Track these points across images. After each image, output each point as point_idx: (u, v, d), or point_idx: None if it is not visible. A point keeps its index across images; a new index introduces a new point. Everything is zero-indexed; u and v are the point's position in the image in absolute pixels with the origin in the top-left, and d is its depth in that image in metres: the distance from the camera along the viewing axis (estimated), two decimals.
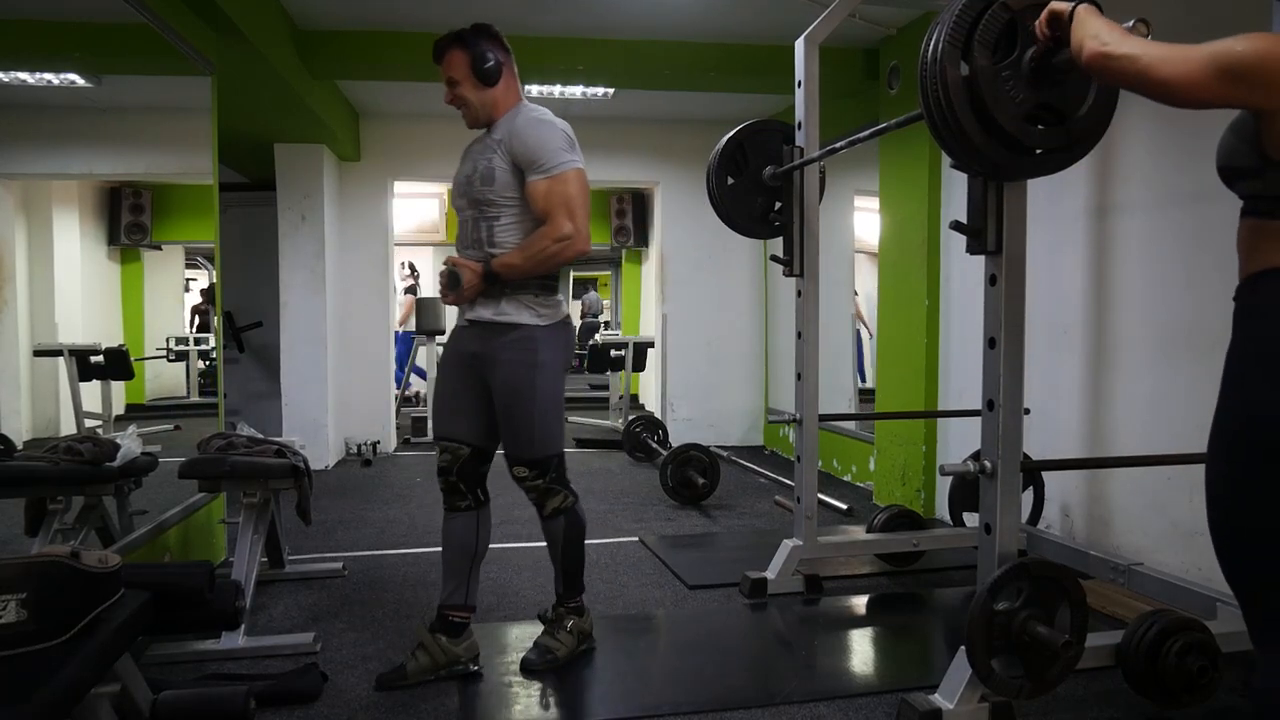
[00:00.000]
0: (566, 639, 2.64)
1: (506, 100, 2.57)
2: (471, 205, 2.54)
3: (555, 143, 2.46)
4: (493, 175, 2.48)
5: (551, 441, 2.54)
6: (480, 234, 2.51)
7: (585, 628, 2.71)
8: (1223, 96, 1.34)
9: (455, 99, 2.57)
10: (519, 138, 2.46)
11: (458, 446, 2.57)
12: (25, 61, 3.02)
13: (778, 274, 4.59)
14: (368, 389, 6.64)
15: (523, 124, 2.48)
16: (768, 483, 5.37)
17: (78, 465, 2.71)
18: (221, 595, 1.95)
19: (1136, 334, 3.27)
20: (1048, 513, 3.60)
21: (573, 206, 2.42)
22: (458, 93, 2.55)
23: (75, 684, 1.49)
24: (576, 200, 2.44)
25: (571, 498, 2.61)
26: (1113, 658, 2.29)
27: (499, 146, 2.49)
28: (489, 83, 2.52)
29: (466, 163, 2.62)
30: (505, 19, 4.65)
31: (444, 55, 2.55)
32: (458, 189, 2.62)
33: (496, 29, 2.60)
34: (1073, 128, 1.96)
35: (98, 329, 4.20)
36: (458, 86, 2.54)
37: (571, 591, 2.68)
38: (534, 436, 2.49)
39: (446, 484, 2.59)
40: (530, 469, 2.53)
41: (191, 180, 4.48)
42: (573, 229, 2.41)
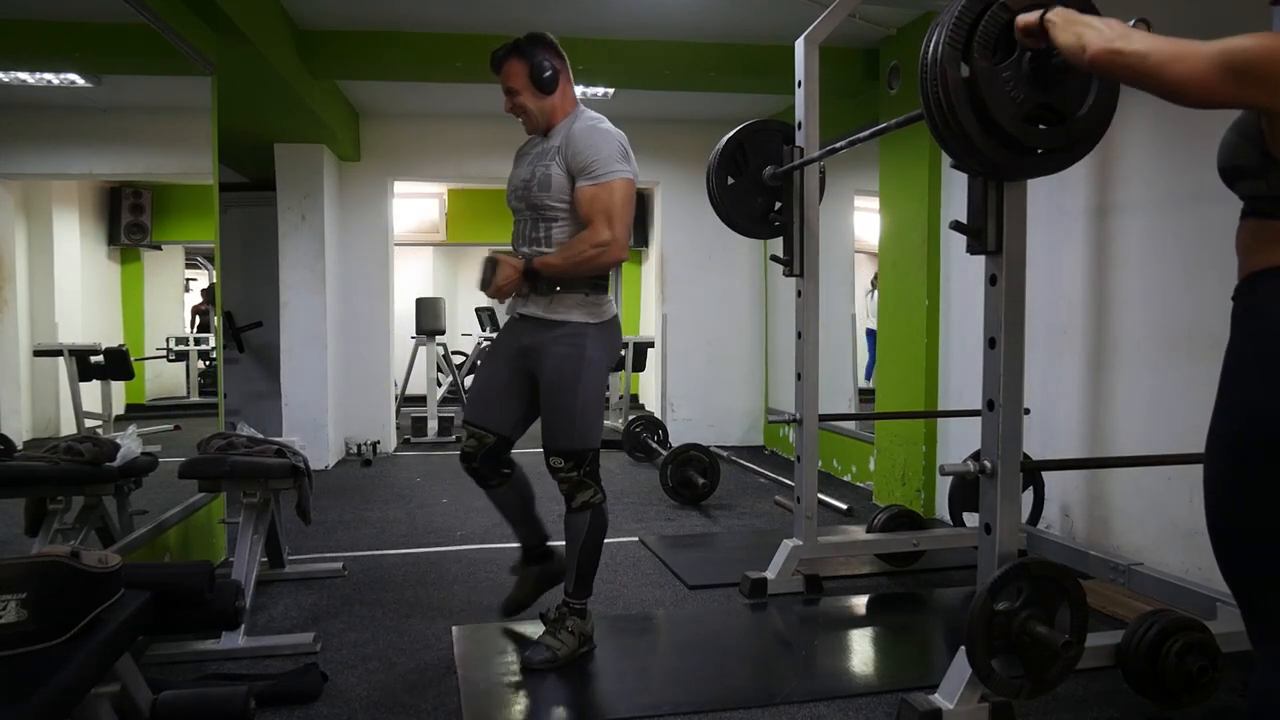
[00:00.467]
0: (568, 639, 2.66)
1: (564, 106, 2.66)
2: (530, 208, 2.62)
3: (608, 150, 2.55)
4: (549, 181, 2.57)
5: (590, 435, 2.62)
6: (539, 234, 2.61)
7: (587, 630, 2.73)
8: (1233, 96, 1.34)
9: (515, 107, 2.65)
10: (574, 144, 2.55)
11: (485, 435, 2.70)
12: (25, 61, 3.02)
13: (778, 274, 4.59)
14: (368, 389, 6.64)
15: (580, 131, 2.57)
16: (768, 483, 5.37)
17: (78, 465, 2.71)
18: (221, 595, 1.94)
19: (1136, 334, 3.27)
20: (1048, 513, 3.60)
21: (613, 215, 2.51)
22: (517, 101, 2.64)
23: (75, 684, 1.49)
24: (618, 209, 2.53)
25: (600, 495, 2.66)
26: (1113, 658, 2.29)
27: (557, 154, 2.57)
28: (548, 91, 2.61)
29: (523, 166, 2.69)
30: (505, 19, 4.69)
31: (502, 66, 2.64)
32: (515, 192, 2.69)
33: (551, 36, 2.67)
34: (1073, 128, 1.96)
35: (98, 329, 4.20)
36: (517, 95, 2.63)
37: (580, 591, 2.71)
38: (574, 429, 2.57)
39: (470, 469, 2.75)
40: (567, 460, 2.59)
41: (191, 180, 4.48)
42: (610, 236, 2.51)
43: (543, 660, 2.62)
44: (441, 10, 4.55)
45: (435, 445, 7.10)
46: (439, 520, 4.41)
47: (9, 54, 2.91)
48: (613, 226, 2.51)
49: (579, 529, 2.65)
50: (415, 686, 2.51)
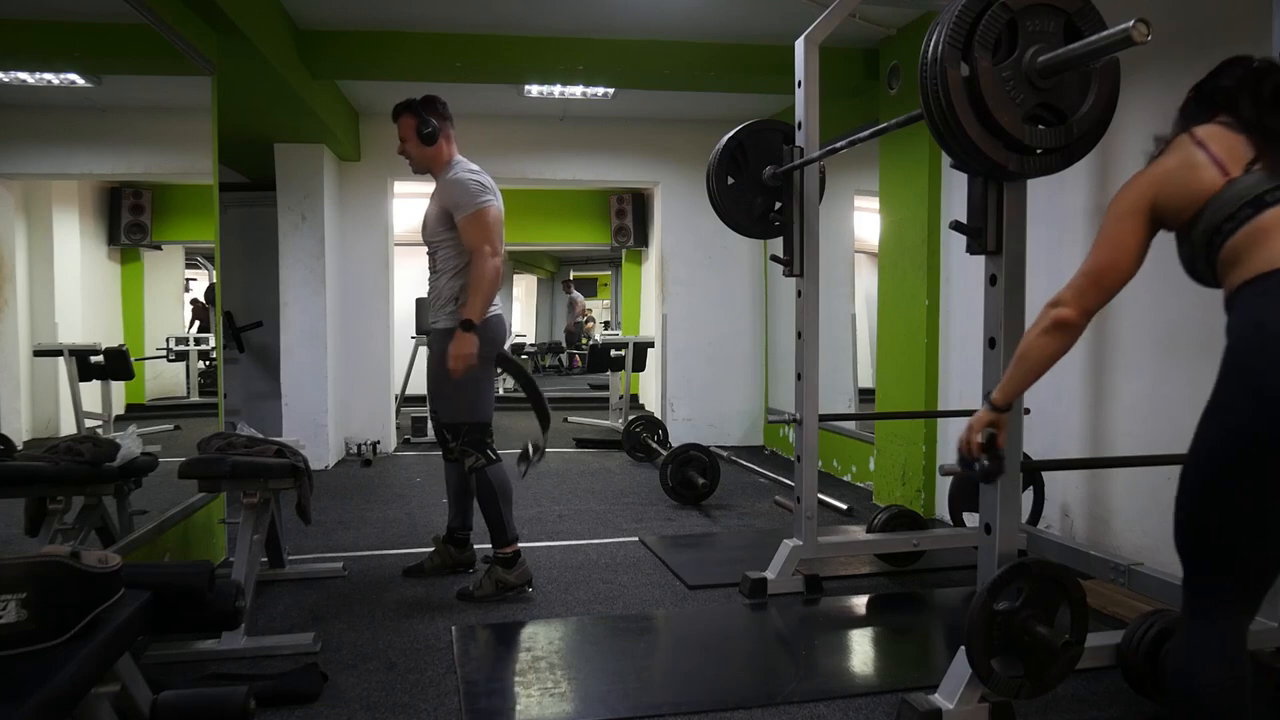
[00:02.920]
0: (487, 583, 3.24)
1: (441, 158, 3.31)
2: (427, 243, 3.34)
3: (469, 191, 3.16)
4: (428, 220, 3.30)
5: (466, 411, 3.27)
6: (434, 263, 3.32)
7: (509, 579, 3.25)
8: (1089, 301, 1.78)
9: (403, 151, 3.34)
10: (445, 192, 3.23)
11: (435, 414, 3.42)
12: (25, 61, 3.01)
13: (778, 274, 4.60)
14: (368, 389, 6.64)
15: (448, 181, 3.24)
16: (768, 483, 5.37)
17: (78, 465, 2.71)
18: (221, 595, 1.94)
19: (1136, 334, 3.27)
20: (1048, 513, 3.60)
21: (486, 237, 3.12)
22: (405, 148, 3.32)
23: (75, 684, 1.49)
24: (489, 231, 3.13)
25: (483, 460, 3.24)
26: (1113, 658, 2.29)
27: (435, 198, 3.27)
28: (429, 144, 3.28)
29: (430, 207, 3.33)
30: (505, 19, 4.70)
31: (398, 119, 3.31)
32: (423, 229, 3.36)
33: (442, 101, 3.35)
34: (1073, 127, 1.96)
35: (98, 329, 4.20)
36: (405, 144, 3.31)
37: (498, 541, 3.25)
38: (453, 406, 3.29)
39: (439, 439, 3.41)
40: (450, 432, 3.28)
41: (191, 180, 4.47)
42: (490, 249, 3.12)
43: (461, 591, 3.25)
44: (441, 10, 4.55)
45: (435, 445, 7.08)
46: (439, 520, 4.41)
47: (9, 54, 2.91)
48: (491, 244, 3.12)
49: (471, 490, 3.29)
50: (415, 686, 2.51)
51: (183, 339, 6.82)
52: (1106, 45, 1.77)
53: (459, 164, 3.29)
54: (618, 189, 8.37)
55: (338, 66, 5.02)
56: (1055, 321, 1.73)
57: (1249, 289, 1.51)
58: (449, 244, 3.24)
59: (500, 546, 3.24)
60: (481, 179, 3.23)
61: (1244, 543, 1.52)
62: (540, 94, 5.81)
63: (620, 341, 7.62)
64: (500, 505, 3.23)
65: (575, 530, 4.31)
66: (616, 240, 8.69)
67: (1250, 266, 1.51)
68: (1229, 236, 1.54)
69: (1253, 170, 1.55)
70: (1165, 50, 2.99)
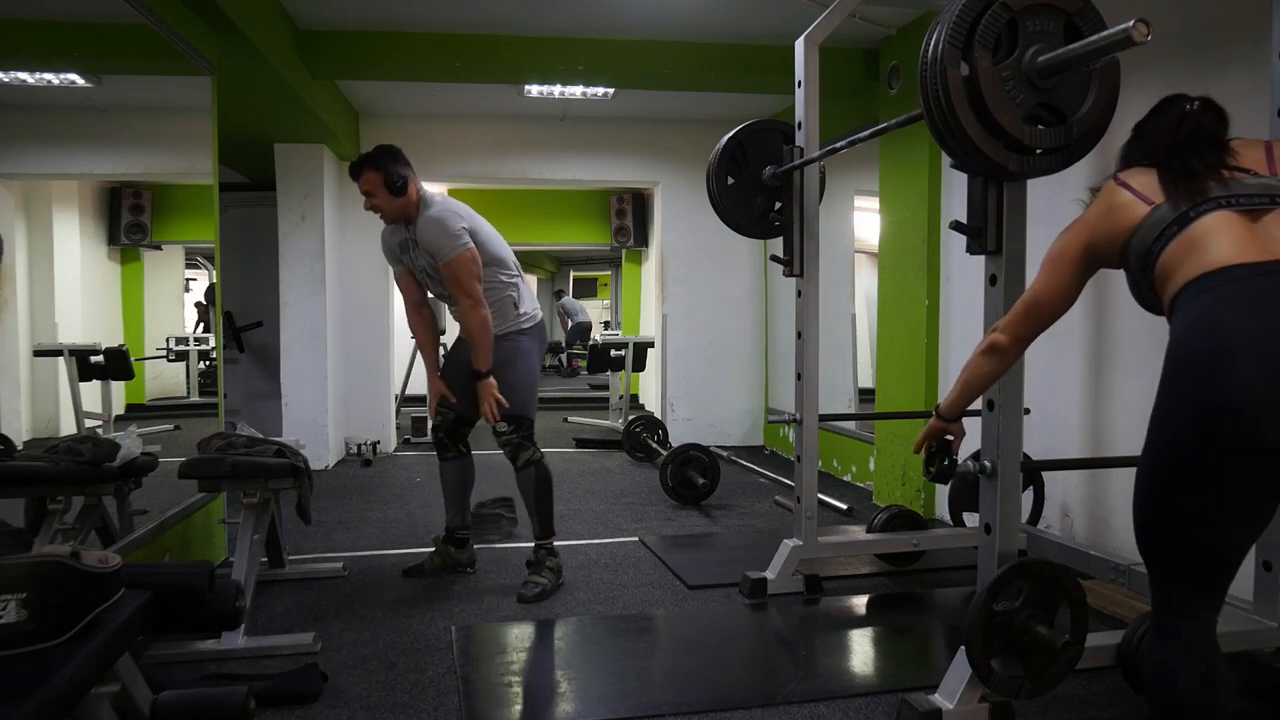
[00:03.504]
0: (550, 575, 3.36)
1: (412, 202, 3.26)
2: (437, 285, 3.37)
3: (443, 238, 3.16)
4: (435, 276, 3.31)
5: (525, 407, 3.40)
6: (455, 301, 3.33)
7: (560, 565, 3.44)
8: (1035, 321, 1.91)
9: (372, 206, 3.26)
10: (423, 240, 3.21)
11: (449, 410, 3.49)
12: (25, 61, 3.02)
13: (778, 274, 4.60)
14: (368, 389, 6.64)
15: (422, 226, 3.20)
16: (768, 483, 5.37)
17: (78, 465, 2.71)
18: (221, 595, 1.94)
19: (1136, 334, 3.26)
20: (1048, 513, 3.60)
21: (464, 284, 3.17)
22: (374, 203, 3.24)
23: (75, 684, 1.49)
24: (463, 279, 3.17)
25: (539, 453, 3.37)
26: (1113, 658, 2.29)
27: (420, 242, 3.23)
28: (399, 195, 3.22)
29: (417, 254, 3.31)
30: (505, 19, 4.70)
31: (360, 175, 3.23)
32: (425, 274, 3.36)
33: (397, 147, 3.30)
34: (1073, 127, 1.96)
35: (98, 329, 4.20)
36: (374, 198, 3.23)
37: (546, 533, 3.38)
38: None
39: (436, 439, 3.52)
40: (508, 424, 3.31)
41: (191, 180, 4.47)
42: (470, 300, 3.19)
43: (535, 595, 3.25)
44: (441, 10, 4.55)
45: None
46: (439, 520, 4.40)
47: (9, 54, 2.91)
48: (468, 293, 3.18)
49: (529, 483, 3.32)
50: (415, 686, 2.51)
51: (183, 339, 6.82)
52: (1106, 45, 1.77)
53: (430, 201, 3.26)
54: (618, 189, 8.37)
55: (338, 66, 5.02)
56: (990, 345, 1.90)
57: (1182, 297, 1.57)
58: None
59: (547, 538, 3.39)
60: (460, 215, 3.23)
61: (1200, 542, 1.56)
62: (540, 94, 5.81)
63: (620, 341, 7.62)
64: (551, 498, 3.39)
65: (575, 530, 4.31)
66: (616, 240, 8.69)
67: (1181, 276, 1.58)
68: (1159, 255, 1.63)
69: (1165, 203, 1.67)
70: (1165, 50, 2.99)
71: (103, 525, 2.87)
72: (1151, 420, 1.58)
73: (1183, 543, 1.57)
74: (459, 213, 3.24)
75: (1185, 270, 1.58)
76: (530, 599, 3.24)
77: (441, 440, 3.49)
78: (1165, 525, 1.58)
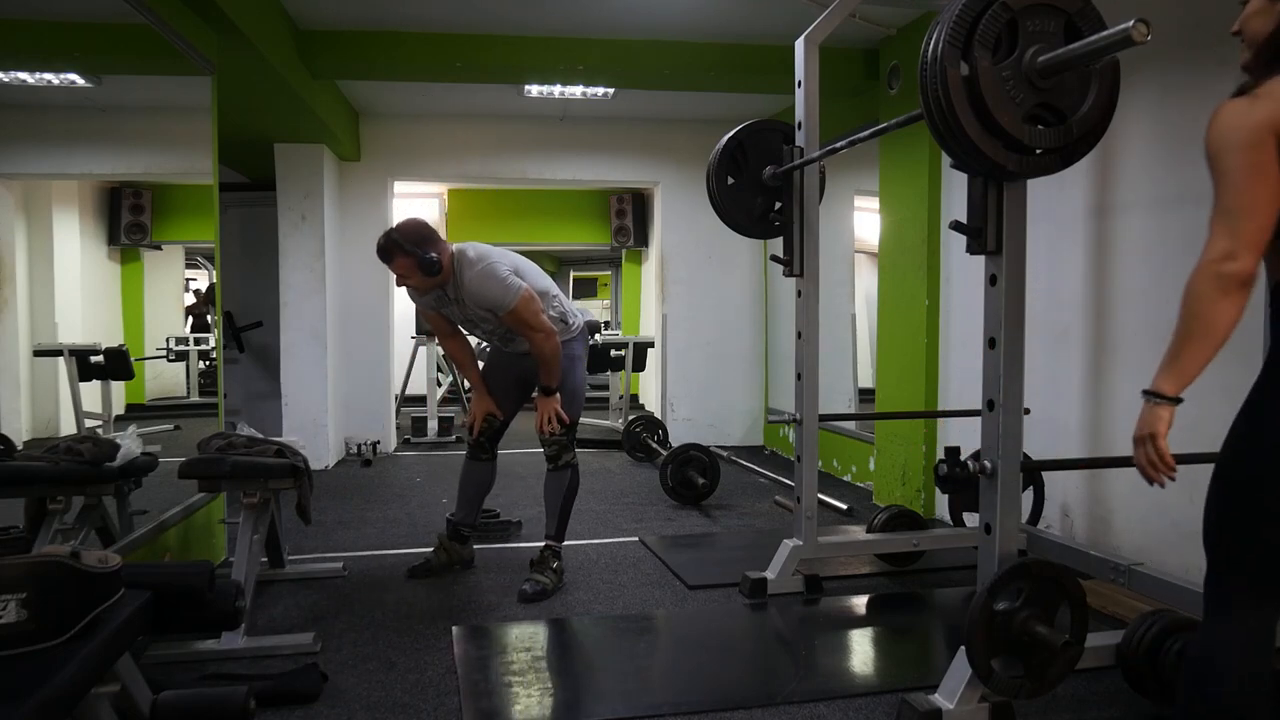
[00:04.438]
0: (552, 576, 3.38)
1: (447, 270, 3.26)
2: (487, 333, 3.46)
3: (499, 290, 3.21)
4: (478, 320, 3.38)
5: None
6: (511, 338, 3.44)
7: (563, 567, 3.48)
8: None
9: (407, 284, 3.30)
10: (477, 297, 3.24)
11: (495, 419, 3.58)
12: (25, 61, 3.01)
13: (778, 274, 4.59)
14: (368, 389, 6.64)
15: (472, 285, 3.23)
16: (768, 483, 5.37)
17: (78, 465, 2.71)
18: (221, 595, 1.94)
19: (1136, 334, 3.26)
20: (1048, 513, 3.60)
21: (532, 322, 3.25)
22: (409, 283, 3.28)
23: (75, 684, 1.49)
24: (531, 317, 3.24)
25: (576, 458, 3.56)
26: (1113, 658, 2.29)
27: (470, 299, 3.27)
28: (435, 274, 3.23)
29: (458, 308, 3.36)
30: (505, 19, 4.70)
31: (391, 260, 3.23)
32: (470, 323, 3.44)
33: (419, 220, 3.31)
34: (1073, 127, 1.96)
35: (98, 329, 4.20)
36: (408, 279, 3.26)
37: (561, 534, 3.48)
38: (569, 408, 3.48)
39: (477, 443, 3.58)
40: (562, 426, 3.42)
41: (191, 180, 4.47)
42: (542, 334, 3.27)
43: (536, 592, 3.27)
44: (441, 10, 4.55)
45: (435, 445, 7.10)
46: (439, 520, 4.40)
47: (9, 54, 2.91)
48: (538, 325, 3.25)
49: (562, 483, 3.44)
50: (415, 686, 2.51)
51: (183, 339, 6.82)
52: (1106, 45, 1.78)
53: (462, 262, 3.25)
54: (618, 189, 8.36)
55: (338, 66, 5.02)
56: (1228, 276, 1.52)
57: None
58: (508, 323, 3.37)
59: (560, 539, 3.48)
60: (501, 262, 3.27)
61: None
62: (540, 94, 5.81)
63: (620, 341, 7.62)
64: (574, 502, 3.51)
65: (575, 530, 4.30)
66: (616, 240, 8.69)
67: None
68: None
69: None
70: (1165, 50, 2.99)
71: (103, 525, 2.87)
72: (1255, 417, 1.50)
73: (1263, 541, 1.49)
74: (500, 260, 3.27)
75: None
76: (531, 596, 3.27)
77: (481, 444, 3.57)
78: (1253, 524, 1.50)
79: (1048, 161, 2.02)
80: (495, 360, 3.65)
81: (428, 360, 7.83)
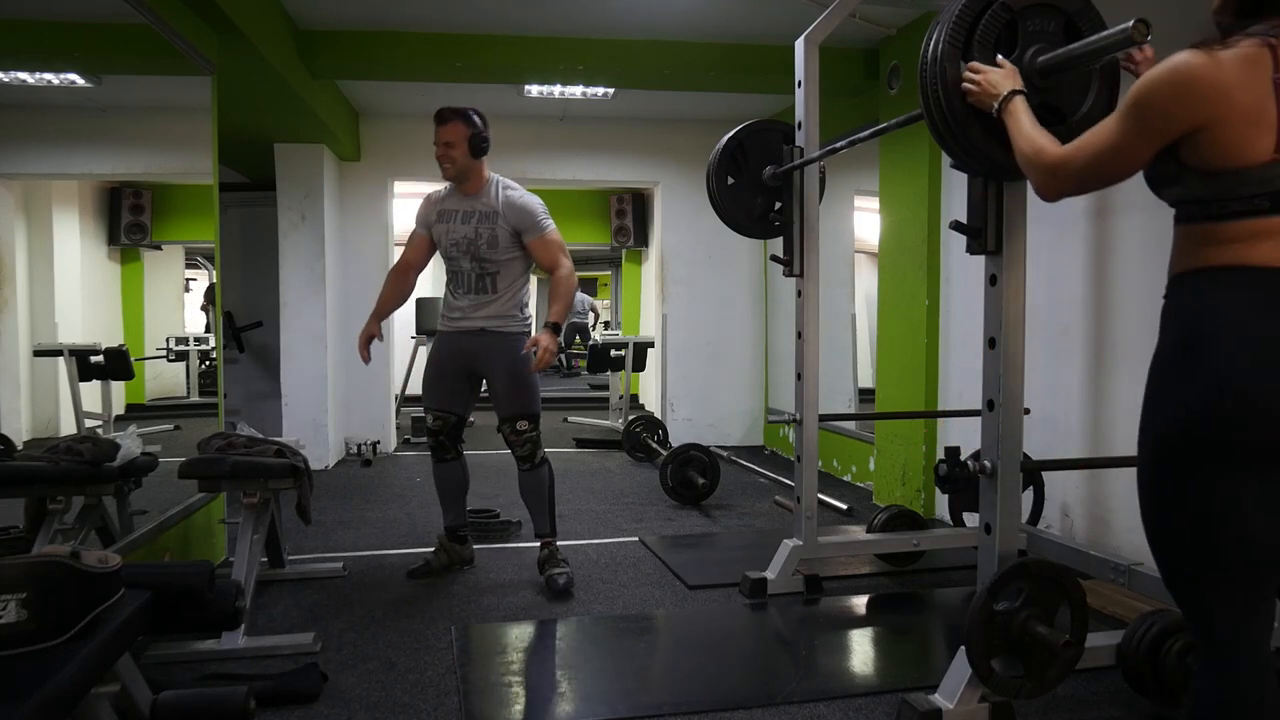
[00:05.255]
0: (565, 563, 3.44)
1: (481, 172, 3.35)
2: (475, 261, 3.34)
3: (538, 211, 3.33)
4: (497, 241, 3.31)
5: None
6: (485, 285, 3.36)
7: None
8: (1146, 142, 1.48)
9: (446, 156, 3.28)
10: (514, 213, 3.30)
11: (449, 415, 3.47)
12: (25, 61, 3.01)
13: (778, 274, 4.60)
14: (368, 389, 6.64)
15: (513, 201, 3.31)
16: (768, 483, 5.37)
17: (78, 465, 2.71)
18: (221, 595, 1.94)
19: (1136, 334, 3.26)
20: (1048, 513, 3.60)
21: (563, 250, 3.36)
22: (450, 153, 3.27)
23: (75, 684, 1.49)
24: (559, 247, 3.36)
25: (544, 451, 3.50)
26: (1113, 658, 2.29)
27: (499, 219, 3.30)
28: (478, 156, 3.31)
29: (457, 224, 3.34)
30: (506, 19, 4.70)
31: (448, 122, 3.27)
32: (458, 247, 3.34)
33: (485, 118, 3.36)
34: (1073, 127, 1.96)
35: (98, 329, 4.20)
36: (452, 149, 3.26)
37: (555, 530, 3.51)
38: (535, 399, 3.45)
39: (437, 443, 3.49)
40: (530, 422, 3.39)
41: (191, 180, 4.47)
42: (569, 265, 3.37)
43: (567, 583, 3.34)
44: (441, 10, 4.55)
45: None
46: (439, 520, 4.40)
47: (9, 54, 2.91)
48: (567, 258, 3.36)
49: (540, 480, 3.43)
50: (415, 686, 2.51)
51: (183, 339, 6.82)
52: (1106, 45, 1.78)
53: (504, 182, 3.37)
54: (618, 189, 8.36)
55: (338, 66, 5.02)
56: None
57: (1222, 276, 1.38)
58: (515, 262, 3.38)
59: (555, 534, 3.52)
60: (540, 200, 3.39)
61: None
62: (540, 94, 5.81)
63: (620, 341, 7.62)
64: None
65: (575, 530, 4.31)
66: (616, 240, 8.69)
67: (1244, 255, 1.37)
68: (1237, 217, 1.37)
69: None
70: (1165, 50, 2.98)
71: (103, 525, 2.87)
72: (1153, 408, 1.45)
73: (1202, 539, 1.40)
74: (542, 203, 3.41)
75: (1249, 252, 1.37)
76: (565, 586, 3.31)
77: (442, 443, 3.49)
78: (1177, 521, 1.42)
79: None
80: (441, 355, 3.50)
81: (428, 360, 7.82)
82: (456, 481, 3.57)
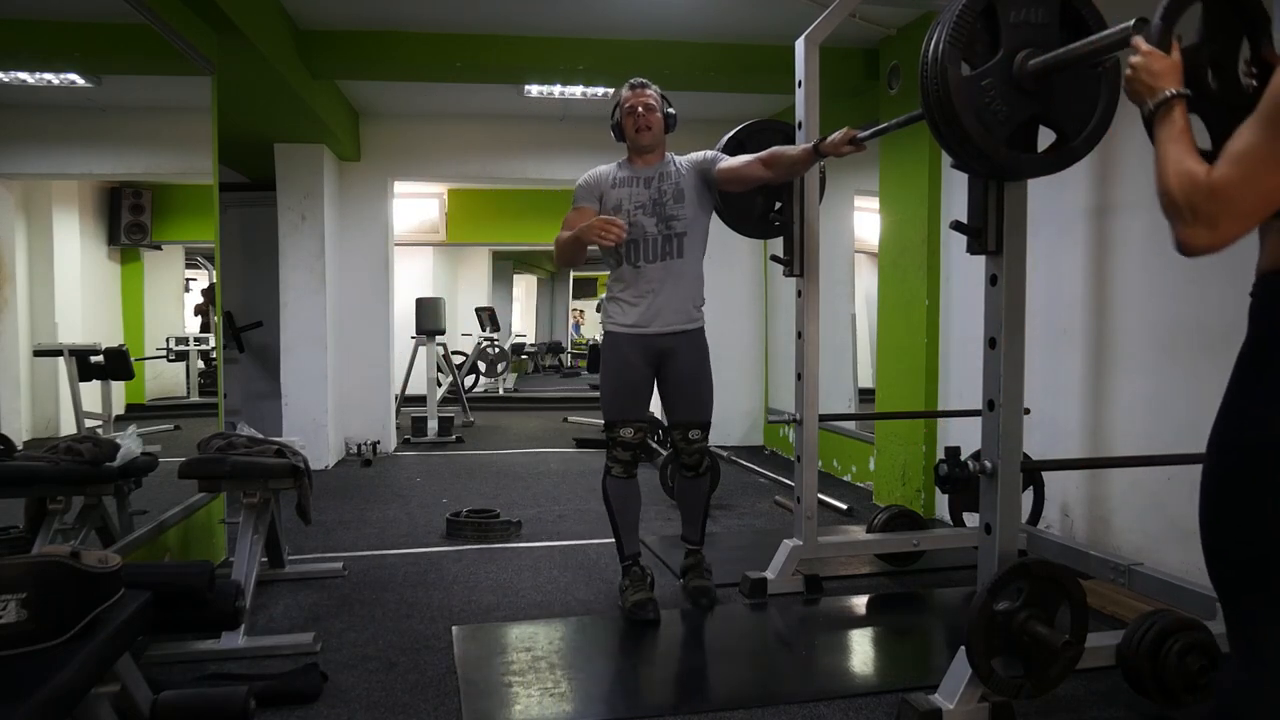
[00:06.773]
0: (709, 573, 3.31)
1: (664, 148, 3.27)
2: (661, 221, 3.14)
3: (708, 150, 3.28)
4: (683, 193, 3.16)
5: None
6: (671, 248, 3.15)
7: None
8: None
9: (652, 120, 3.18)
10: (691, 162, 3.22)
11: (646, 424, 3.26)
12: (25, 61, 3.02)
13: (778, 274, 4.59)
14: (368, 389, 6.64)
15: (689, 155, 3.25)
16: (768, 483, 5.37)
17: (78, 465, 2.71)
18: (221, 595, 1.95)
19: (1136, 334, 3.27)
20: (1048, 513, 3.60)
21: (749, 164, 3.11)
22: (653, 118, 3.18)
23: (75, 684, 1.49)
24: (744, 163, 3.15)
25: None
26: (1113, 658, 2.29)
27: (683, 178, 3.18)
28: (668, 130, 3.25)
29: (644, 189, 3.17)
30: (505, 19, 4.70)
31: (649, 88, 3.21)
32: (643, 209, 3.14)
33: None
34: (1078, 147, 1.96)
35: (98, 329, 4.20)
36: (653, 113, 3.18)
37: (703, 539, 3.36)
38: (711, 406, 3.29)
39: (631, 458, 3.24)
40: (703, 431, 3.24)
41: (191, 180, 4.47)
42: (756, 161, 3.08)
43: (713, 592, 3.22)
44: (441, 10, 4.55)
45: (435, 445, 7.10)
46: (439, 520, 4.41)
47: (9, 54, 2.91)
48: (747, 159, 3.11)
49: (703, 489, 3.32)
50: (415, 686, 2.51)
51: (183, 339, 6.82)
52: (1105, 45, 1.78)
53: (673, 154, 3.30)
54: None
55: (338, 66, 5.02)
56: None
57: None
58: (699, 224, 3.20)
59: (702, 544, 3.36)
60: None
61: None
62: (540, 94, 5.81)
63: None
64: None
65: (575, 530, 4.31)
66: None
67: None
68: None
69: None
70: None
71: (103, 525, 2.87)
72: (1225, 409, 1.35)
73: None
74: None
75: None
76: (713, 594, 3.22)
77: (638, 458, 3.25)
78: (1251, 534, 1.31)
79: (1048, 162, 2.02)
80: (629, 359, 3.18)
81: (427, 360, 7.83)
82: (638, 504, 3.31)
